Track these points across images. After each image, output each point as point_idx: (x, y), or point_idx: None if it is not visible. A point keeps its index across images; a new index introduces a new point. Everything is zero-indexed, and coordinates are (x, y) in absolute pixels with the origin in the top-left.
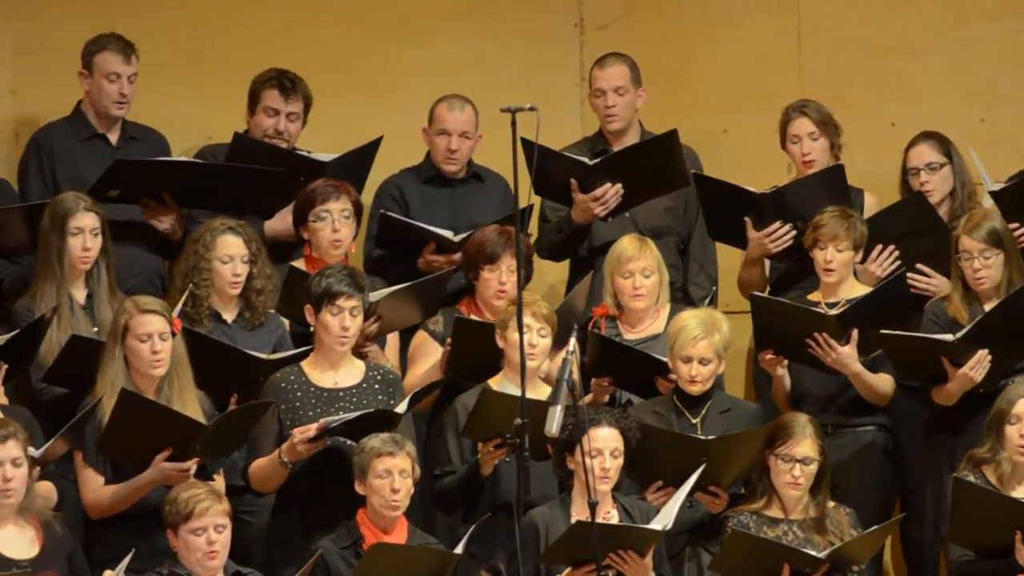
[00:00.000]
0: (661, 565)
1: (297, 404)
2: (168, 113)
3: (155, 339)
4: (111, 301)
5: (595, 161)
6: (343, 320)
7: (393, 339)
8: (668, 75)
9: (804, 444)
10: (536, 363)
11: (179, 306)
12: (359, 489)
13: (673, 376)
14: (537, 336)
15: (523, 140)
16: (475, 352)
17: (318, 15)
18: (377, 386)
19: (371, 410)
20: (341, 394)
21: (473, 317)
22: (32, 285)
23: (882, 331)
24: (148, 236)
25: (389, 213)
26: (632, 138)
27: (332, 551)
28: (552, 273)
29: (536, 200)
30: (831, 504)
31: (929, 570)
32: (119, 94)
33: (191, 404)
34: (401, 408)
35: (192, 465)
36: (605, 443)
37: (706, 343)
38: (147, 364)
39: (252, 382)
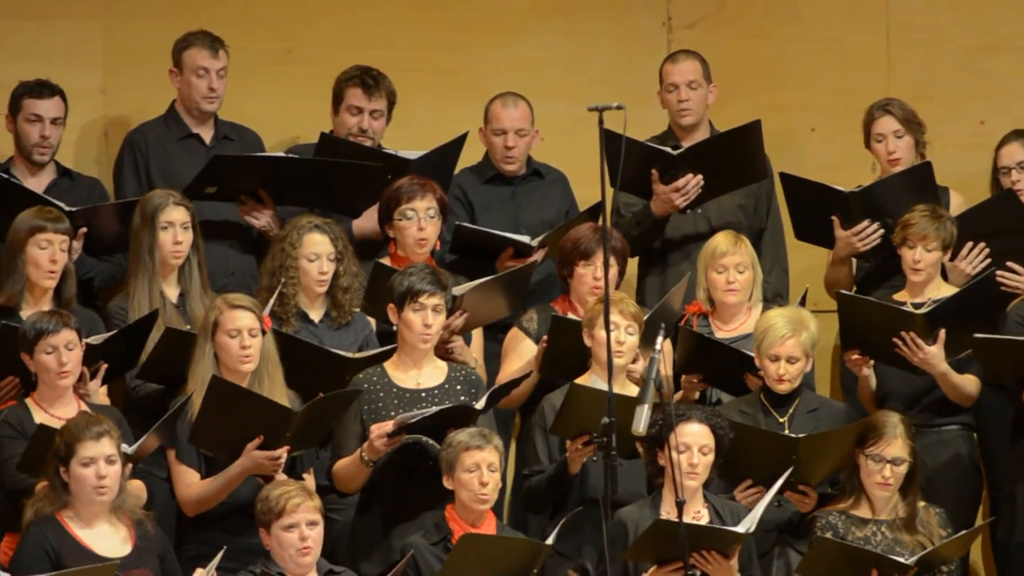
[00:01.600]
0: (751, 567)
1: (380, 405)
2: (256, 112)
3: (244, 335)
4: (203, 299)
5: (679, 151)
6: (425, 318)
7: (478, 336)
8: (756, 73)
9: (895, 445)
10: (623, 361)
11: (269, 305)
12: (447, 484)
13: (756, 364)
14: (625, 334)
15: (608, 132)
16: (570, 351)
17: (405, 13)
18: (459, 387)
19: (448, 405)
20: (423, 395)
21: (570, 315)
22: (125, 283)
23: (976, 335)
24: (241, 236)
25: (464, 224)
26: (703, 133)
27: (422, 547)
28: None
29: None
30: (921, 504)
31: (1017, 573)
32: (208, 89)
33: (282, 402)
34: (480, 404)
35: (283, 453)
36: (694, 439)
37: (794, 341)
38: (236, 360)
39: (338, 381)
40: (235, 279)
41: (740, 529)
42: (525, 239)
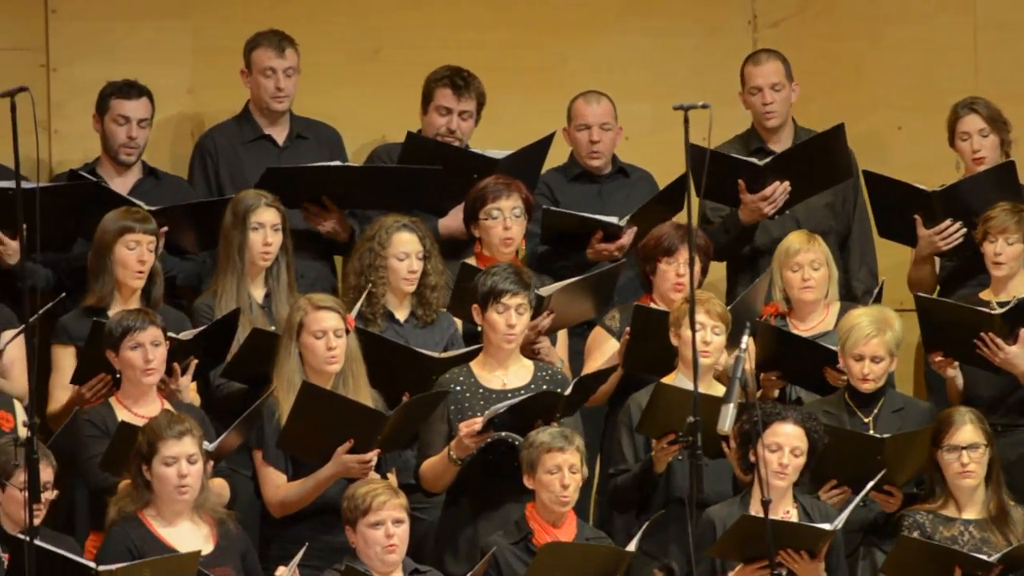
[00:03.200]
0: (839, 569)
1: (466, 405)
2: (343, 112)
3: (330, 336)
4: (289, 299)
5: (765, 161)
6: (509, 318)
7: (563, 336)
8: (841, 72)
9: (965, 430)
10: (710, 361)
11: (358, 305)
12: (528, 484)
13: (841, 366)
14: (711, 334)
15: (693, 146)
16: (652, 344)
17: (490, 13)
18: (545, 387)
19: (534, 393)
20: (509, 395)
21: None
22: (212, 282)
23: None
24: (311, 239)
25: (551, 208)
26: (787, 134)
27: (503, 547)
28: (711, 273)
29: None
30: (1011, 503)
31: None
32: (275, 88)
33: (366, 401)
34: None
35: (373, 457)
36: (787, 439)
37: (878, 341)
38: (322, 361)
39: (423, 380)
40: (305, 282)
41: (827, 526)
42: (613, 219)
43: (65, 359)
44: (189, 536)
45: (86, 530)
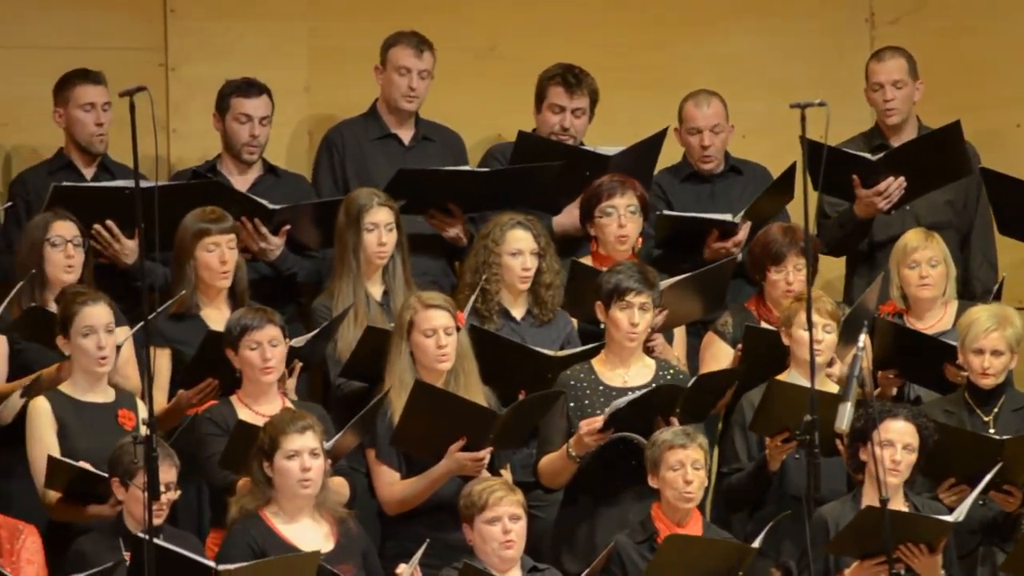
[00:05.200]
0: (951, 567)
1: (586, 402)
2: (459, 110)
3: (440, 334)
4: (407, 296)
5: (878, 156)
6: (632, 316)
7: (680, 334)
8: (959, 69)
9: None
10: (823, 359)
11: (470, 303)
12: (652, 483)
13: (961, 363)
14: (822, 332)
15: (809, 141)
16: (765, 358)
17: (607, 12)
18: None
19: (655, 386)
20: (630, 393)
21: (762, 322)
22: (330, 282)
23: None
24: (432, 237)
25: (665, 212)
26: (910, 131)
27: (627, 545)
28: (829, 270)
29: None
30: None
31: None
32: (408, 88)
33: (477, 399)
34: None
35: (486, 454)
36: (899, 436)
37: (998, 335)
38: (433, 359)
39: (539, 379)
40: (427, 279)
41: (948, 518)
42: (727, 217)
43: (161, 361)
44: (310, 533)
45: (206, 528)
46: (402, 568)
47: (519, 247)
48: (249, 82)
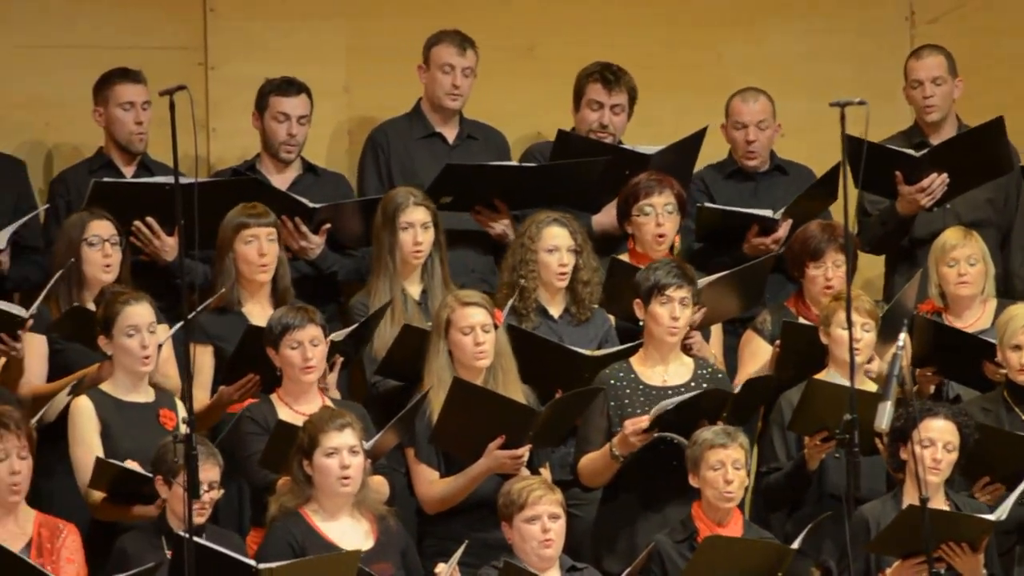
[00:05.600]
0: (992, 565)
1: (626, 401)
2: (498, 108)
3: (478, 331)
4: (445, 295)
5: (921, 153)
6: (673, 311)
7: (717, 332)
8: (1000, 67)
9: None
10: (861, 358)
11: (510, 301)
12: (693, 482)
13: (999, 359)
14: (861, 331)
15: (849, 137)
16: (803, 354)
17: (646, 10)
18: (705, 384)
19: (704, 390)
20: (669, 392)
21: (801, 319)
22: (367, 281)
23: None
24: (480, 235)
25: (706, 205)
26: (949, 129)
27: (667, 544)
28: (869, 268)
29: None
30: None
31: None
32: (452, 85)
33: (517, 397)
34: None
35: (525, 452)
36: (939, 435)
37: None
38: (471, 357)
39: (576, 378)
40: (475, 276)
41: (990, 517)
42: (767, 213)
43: (203, 358)
44: (349, 531)
45: (247, 527)
46: (441, 567)
47: (555, 244)
48: (288, 81)
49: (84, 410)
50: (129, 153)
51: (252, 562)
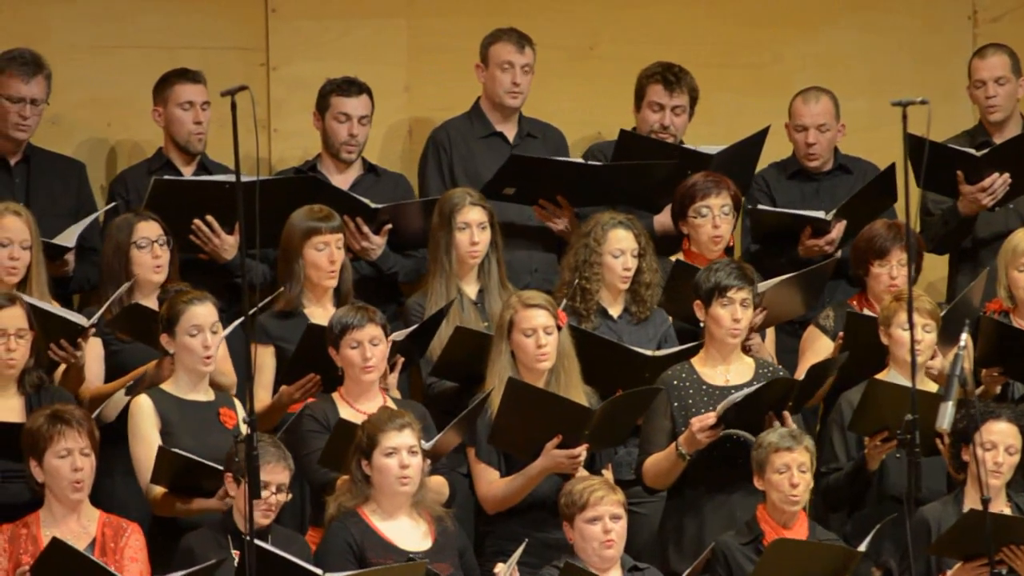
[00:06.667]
0: None
1: (689, 401)
2: (558, 108)
3: (540, 333)
4: (502, 295)
5: (983, 152)
6: (734, 312)
7: (771, 333)
8: None
9: None
10: (921, 359)
11: (564, 301)
12: (758, 485)
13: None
14: (922, 331)
15: (911, 136)
16: (866, 348)
17: (706, 10)
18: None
19: (768, 381)
20: (732, 392)
21: (866, 311)
22: (424, 281)
23: None
24: (544, 234)
25: (759, 207)
26: (1013, 128)
27: (732, 546)
28: (931, 271)
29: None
30: None
31: None
32: (512, 83)
33: (578, 398)
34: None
35: (582, 451)
36: (1001, 437)
37: None
38: (533, 358)
39: (637, 378)
40: (538, 276)
41: None
42: (819, 214)
43: (265, 358)
44: (408, 531)
45: (305, 525)
46: (500, 568)
47: (621, 247)
48: (349, 81)
49: (144, 408)
50: (188, 153)
51: (317, 570)
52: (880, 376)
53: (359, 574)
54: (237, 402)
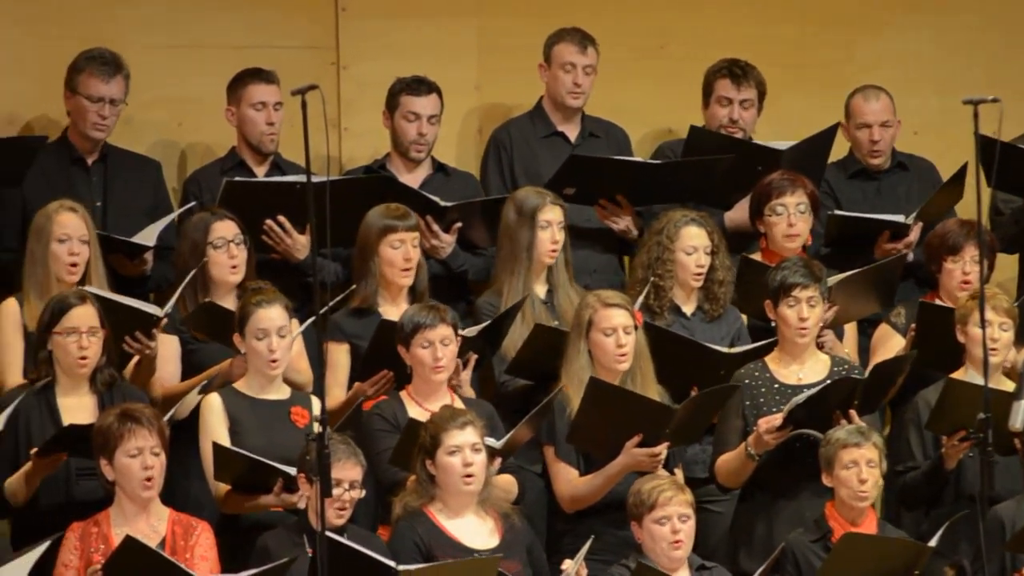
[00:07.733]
0: None
1: (761, 400)
2: (629, 107)
3: (619, 333)
4: (570, 293)
5: None
6: (801, 311)
7: (851, 330)
8: None
9: None
10: (998, 358)
11: (640, 298)
12: (826, 481)
13: None
14: (998, 330)
15: (982, 137)
16: (938, 341)
17: (775, 8)
18: None
19: (831, 381)
20: (804, 390)
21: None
22: (495, 279)
23: None
24: (603, 234)
25: (836, 212)
26: None
27: (802, 543)
28: (1001, 272)
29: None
30: None
31: None
32: (573, 84)
33: (653, 397)
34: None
35: (663, 450)
36: None
37: None
38: (612, 358)
39: (711, 375)
40: (597, 276)
41: None
42: (899, 218)
43: (339, 356)
44: (475, 529)
45: (374, 524)
46: (567, 564)
47: (694, 244)
48: (419, 80)
49: (213, 406)
50: (261, 153)
51: (392, 563)
52: (957, 375)
53: (433, 567)
54: (315, 400)
